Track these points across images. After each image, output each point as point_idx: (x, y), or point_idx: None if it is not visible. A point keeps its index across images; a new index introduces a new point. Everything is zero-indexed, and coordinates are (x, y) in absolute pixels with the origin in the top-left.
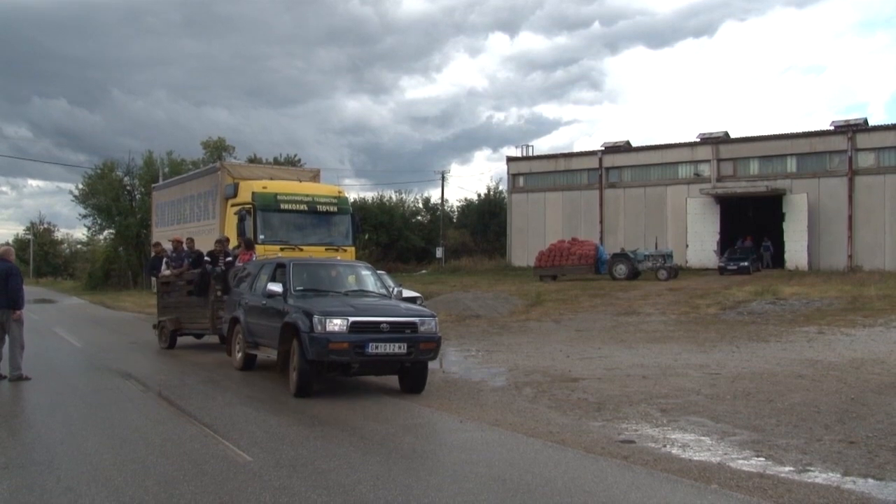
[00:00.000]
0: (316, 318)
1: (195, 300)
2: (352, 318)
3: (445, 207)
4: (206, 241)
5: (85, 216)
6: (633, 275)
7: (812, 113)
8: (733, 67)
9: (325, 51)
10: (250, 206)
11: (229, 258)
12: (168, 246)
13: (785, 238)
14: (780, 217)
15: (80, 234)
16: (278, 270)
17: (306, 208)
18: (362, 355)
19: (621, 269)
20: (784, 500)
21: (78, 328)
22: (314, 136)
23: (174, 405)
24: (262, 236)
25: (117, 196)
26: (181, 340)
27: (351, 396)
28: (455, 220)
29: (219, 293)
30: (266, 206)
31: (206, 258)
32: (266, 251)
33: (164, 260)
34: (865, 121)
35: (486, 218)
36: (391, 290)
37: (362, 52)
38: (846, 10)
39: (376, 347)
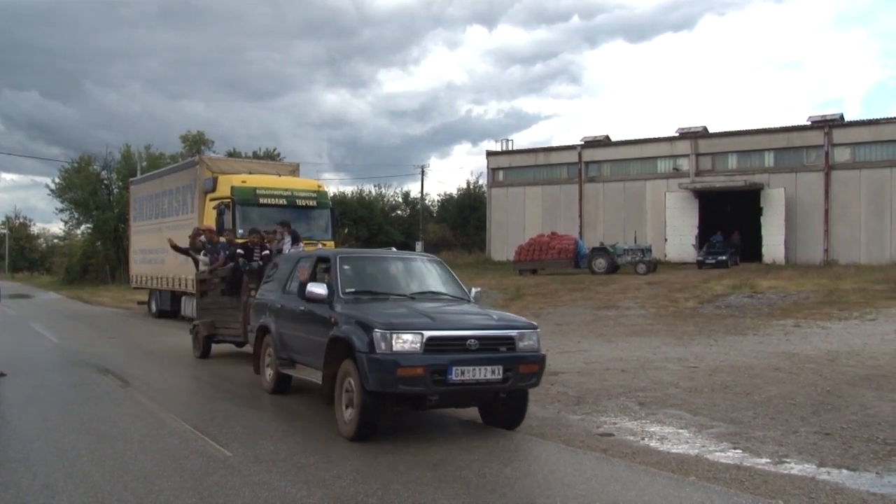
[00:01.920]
0: (377, 333)
1: (229, 301)
2: (427, 332)
3: (425, 202)
4: (183, 236)
5: (62, 210)
6: (613, 269)
7: (789, 108)
8: (712, 62)
9: (302, 43)
10: (229, 200)
11: (266, 251)
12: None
13: (762, 232)
14: (758, 211)
15: (57, 228)
16: (319, 266)
17: (285, 202)
18: (443, 384)
19: (601, 263)
20: (760, 491)
21: (55, 323)
22: (292, 129)
23: (153, 400)
24: (240, 231)
25: (95, 190)
26: (158, 340)
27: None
28: (435, 215)
29: (253, 293)
30: (245, 200)
31: (238, 252)
32: None
33: (202, 253)
34: (842, 116)
35: (466, 212)
36: (471, 292)
37: (340, 45)
38: (823, 5)
39: (462, 373)
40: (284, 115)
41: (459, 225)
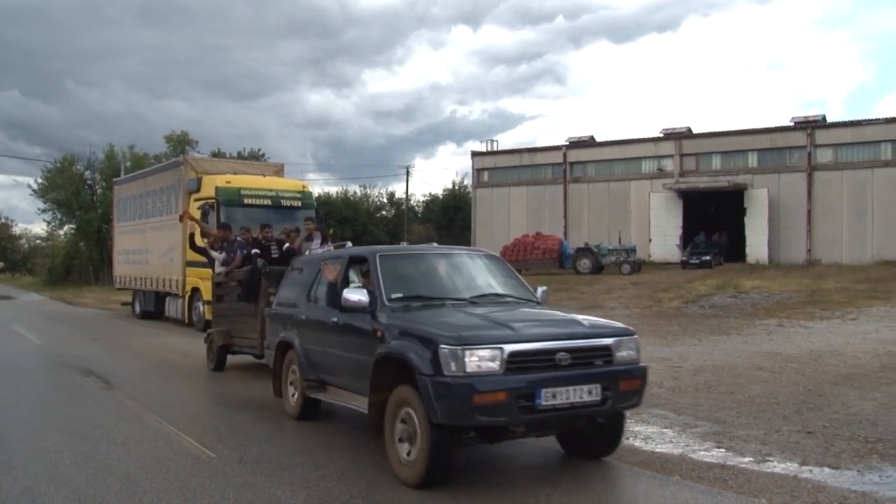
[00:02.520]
0: (445, 350)
1: (245, 307)
2: (509, 347)
3: (410, 202)
4: (167, 237)
5: (44, 211)
6: (597, 269)
7: (773, 109)
8: (696, 63)
9: (286, 43)
10: (214, 200)
11: (286, 247)
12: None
13: (746, 232)
14: (742, 212)
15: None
16: (353, 269)
17: (270, 203)
18: (531, 411)
19: (585, 263)
20: (743, 489)
21: (37, 325)
22: (277, 129)
23: (137, 402)
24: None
25: (78, 190)
26: (142, 341)
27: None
28: (420, 215)
29: (272, 299)
30: (229, 200)
31: (254, 252)
32: None
33: (219, 252)
34: (824, 117)
35: (451, 212)
36: (536, 292)
37: (324, 45)
38: (806, 7)
39: (553, 396)
40: (269, 115)
41: (444, 225)
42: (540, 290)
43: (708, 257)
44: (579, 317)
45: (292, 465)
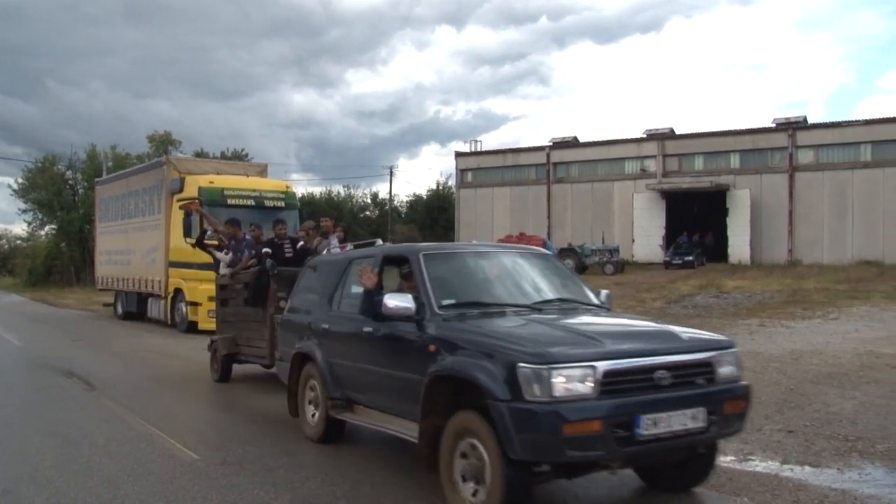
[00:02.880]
0: (526, 370)
1: (252, 313)
2: (602, 364)
3: (394, 202)
4: (150, 237)
5: (25, 211)
6: (581, 269)
7: (755, 110)
8: (679, 64)
9: (269, 42)
10: (196, 201)
11: (300, 245)
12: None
13: (728, 233)
14: (724, 212)
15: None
16: (388, 271)
17: (253, 203)
18: (630, 442)
19: (568, 263)
20: (725, 489)
21: (18, 326)
22: (260, 129)
23: (119, 404)
24: (208, 232)
25: (59, 191)
26: (125, 342)
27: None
28: (403, 216)
29: (282, 303)
30: (213, 200)
31: (265, 250)
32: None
33: (224, 251)
34: (805, 119)
35: (435, 213)
36: (598, 295)
37: (307, 45)
38: (788, 9)
39: (654, 423)
40: (252, 115)
41: (428, 226)
42: (603, 293)
43: (690, 257)
44: (671, 327)
45: (276, 466)
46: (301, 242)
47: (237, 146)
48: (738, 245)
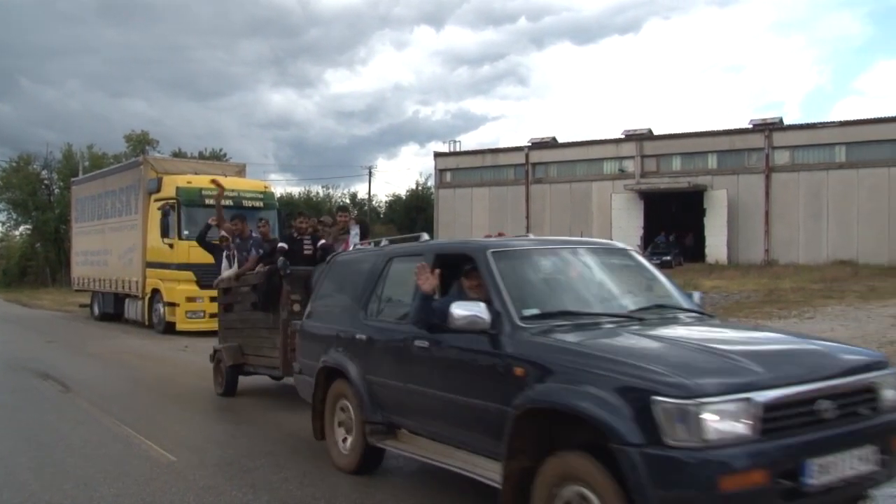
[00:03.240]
0: (667, 404)
1: (262, 318)
2: (761, 395)
3: (372, 203)
4: (127, 238)
5: None
6: None
7: (732, 111)
8: (657, 65)
9: (248, 42)
10: (174, 201)
11: (321, 243)
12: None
13: (706, 233)
14: (701, 212)
15: None
16: (440, 271)
17: (232, 203)
18: (796, 496)
19: None
20: None
21: None
22: (238, 129)
23: (95, 405)
24: (186, 232)
25: (34, 190)
26: (101, 343)
27: (277, 394)
28: (382, 216)
29: (296, 307)
30: (191, 201)
31: (281, 246)
32: (191, 248)
33: (225, 253)
34: (781, 120)
35: (414, 213)
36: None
37: (286, 45)
38: (764, 11)
39: (823, 470)
40: (230, 114)
41: (407, 226)
42: (696, 294)
43: (668, 257)
44: (821, 340)
45: (254, 467)
46: (322, 241)
47: (215, 146)
48: (716, 245)
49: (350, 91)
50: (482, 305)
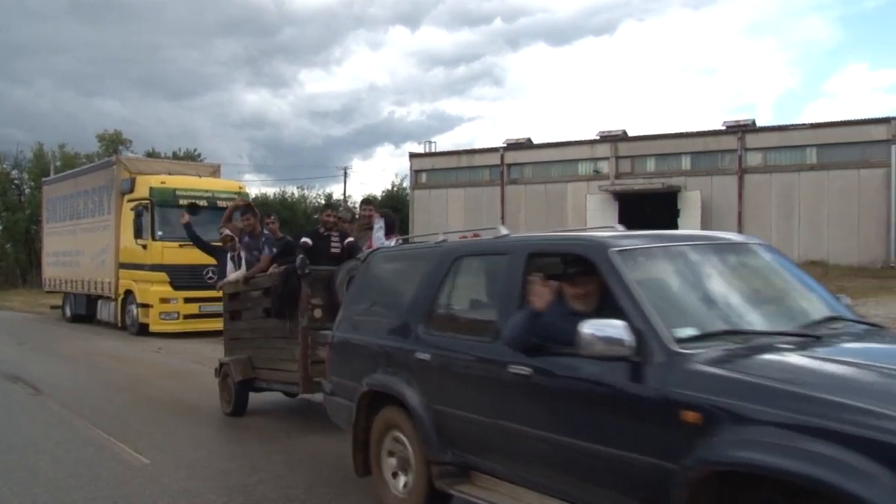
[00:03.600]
0: None
1: (276, 326)
2: None
3: (348, 203)
4: (100, 238)
5: None
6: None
7: (705, 113)
8: (632, 66)
9: (222, 41)
10: (148, 201)
11: (349, 240)
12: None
13: None
14: (675, 213)
15: None
16: (530, 273)
17: (206, 204)
18: None
19: None
20: None
21: None
22: (212, 129)
23: (66, 408)
24: (160, 233)
25: (4, 190)
26: (73, 345)
27: (252, 395)
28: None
29: (317, 312)
30: (164, 201)
31: (304, 241)
32: (164, 249)
33: (229, 255)
34: (754, 122)
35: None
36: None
37: (260, 44)
38: (737, 14)
39: None
40: (204, 114)
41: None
42: (844, 298)
43: None
44: None
45: (229, 469)
46: (350, 238)
47: (189, 146)
48: None
49: (325, 91)
50: (620, 325)
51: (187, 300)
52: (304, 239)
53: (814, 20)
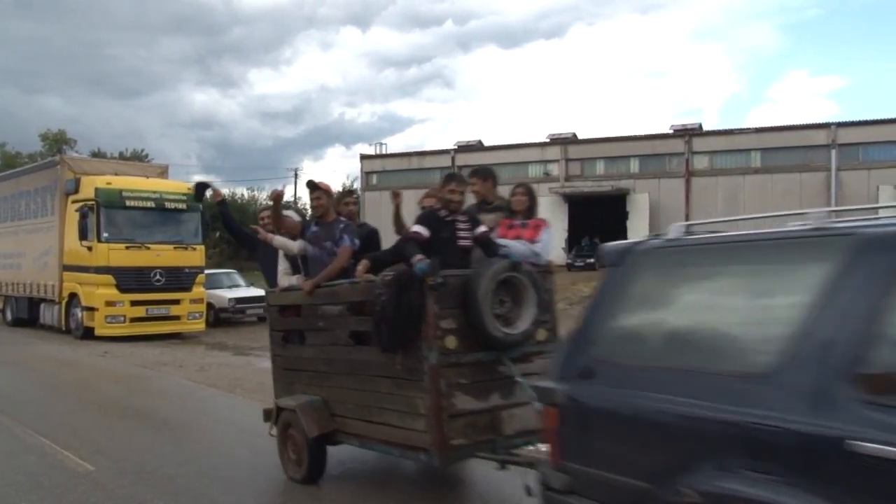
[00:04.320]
0: None
1: (373, 357)
2: None
3: (298, 205)
4: (43, 240)
5: None
6: None
7: (653, 116)
8: (582, 70)
9: (169, 40)
10: (93, 202)
11: (482, 229)
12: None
13: (628, 236)
14: (624, 216)
15: None
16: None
17: (154, 205)
18: None
19: None
20: None
21: None
22: (160, 129)
23: (6, 415)
24: (105, 234)
25: None
26: (14, 349)
27: (200, 399)
28: (308, 218)
29: (449, 341)
30: (110, 202)
31: (415, 232)
32: (110, 251)
33: (282, 252)
34: (700, 126)
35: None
36: None
37: (209, 43)
38: (684, 19)
39: None
40: (152, 114)
41: None
42: None
43: (593, 260)
44: None
45: (176, 474)
46: (482, 227)
47: (136, 146)
48: None
49: (275, 92)
50: None
51: (134, 303)
52: (415, 227)
53: (757, 27)
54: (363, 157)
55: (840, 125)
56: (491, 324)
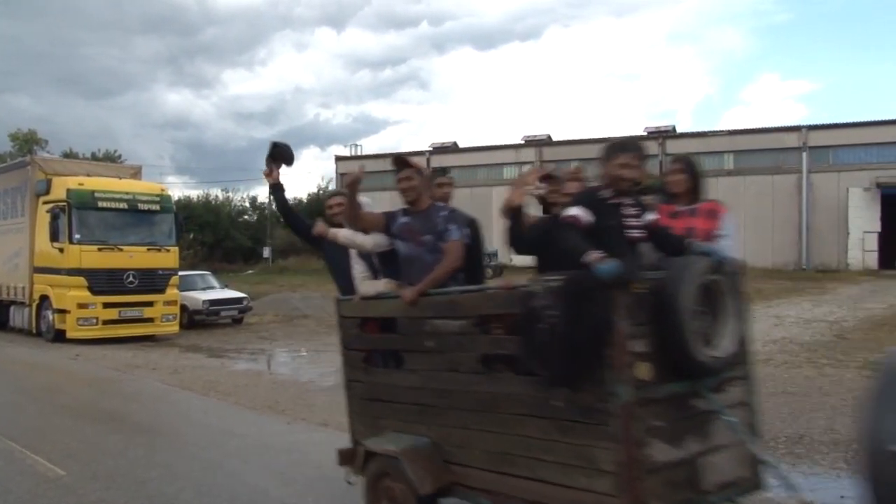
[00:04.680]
0: None
1: (517, 389)
2: None
3: (273, 207)
4: (13, 241)
5: None
6: None
7: (628, 118)
8: (557, 72)
9: (143, 39)
10: (65, 203)
11: (653, 216)
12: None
13: None
14: None
15: None
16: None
17: (126, 206)
18: None
19: None
20: None
21: None
22: (133, 129)
23: None
24: (77, 236)
25: None
26: None
27: (173, 402)
28: (283, 220)
29: (642, 370)
30: (82, 203)
31: (573, 216)
32: (82, 252)
33: (354, 251)
34: (674, 128)
35: (315, 217)
36: None
37: (183, 43)
38: (658, 22)
39: None
40: (124, 114)
41: None
42: None
43: None
44: None
45: (148, 479)
46: (652, 214)
47: (109, 147)
48: None
49: (249, 92)
50: None
51: (106, 305)
52: (573, 211)
53: (729, 31)
54: (338, 159)
55: (811, 128)
56: (696, 345)
